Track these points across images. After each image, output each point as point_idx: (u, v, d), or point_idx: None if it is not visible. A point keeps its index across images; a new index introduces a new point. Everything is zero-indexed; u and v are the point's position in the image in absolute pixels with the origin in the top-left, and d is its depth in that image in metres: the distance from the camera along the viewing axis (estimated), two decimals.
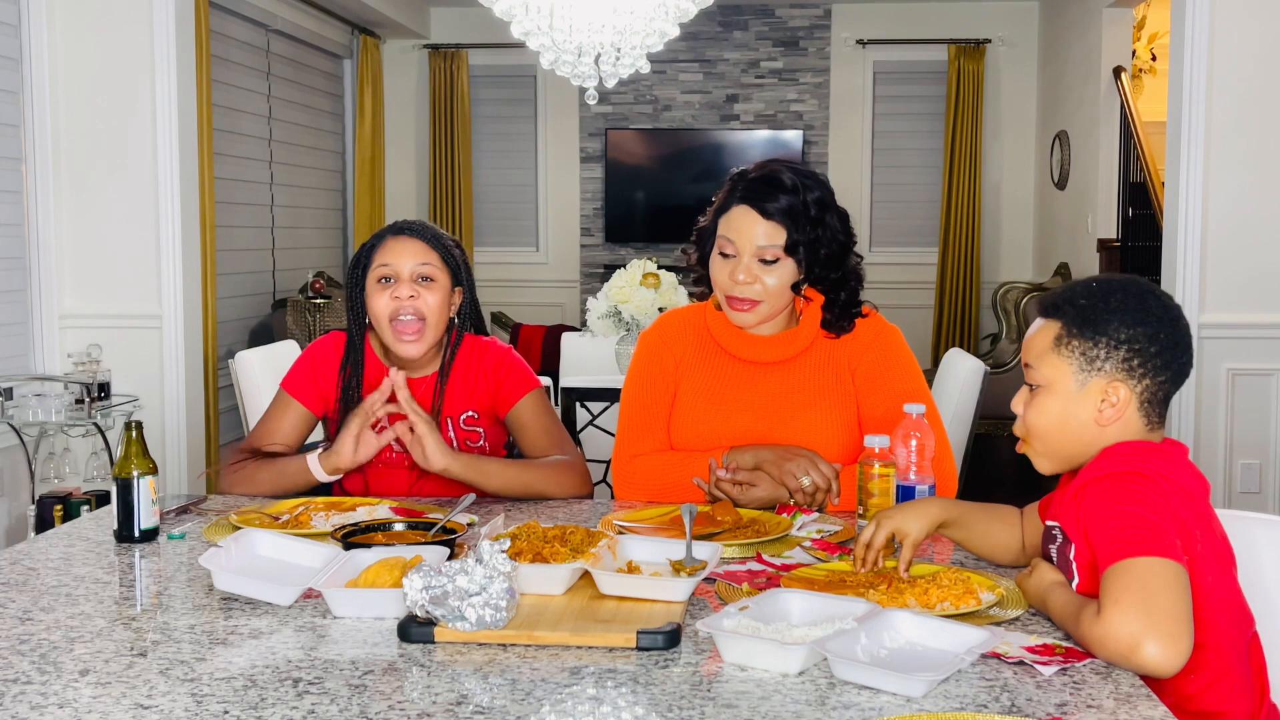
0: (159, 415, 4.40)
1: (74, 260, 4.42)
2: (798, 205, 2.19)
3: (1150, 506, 1.49)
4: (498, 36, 6.45)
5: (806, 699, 1.34)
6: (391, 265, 2.32)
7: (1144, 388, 1.60)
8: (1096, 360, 1.60)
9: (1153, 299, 1.62)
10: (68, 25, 4.35)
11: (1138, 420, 1.61)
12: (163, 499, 2.20)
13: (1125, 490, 1.51)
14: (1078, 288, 1.65)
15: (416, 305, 2.30)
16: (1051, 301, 1.66)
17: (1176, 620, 1.39)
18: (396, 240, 2.35)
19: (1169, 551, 1.44)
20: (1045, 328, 1.65)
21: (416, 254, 2.33)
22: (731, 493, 2.13)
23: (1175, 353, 1.60)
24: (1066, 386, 1.62)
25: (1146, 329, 1.59)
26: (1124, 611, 1.39)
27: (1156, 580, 1.41)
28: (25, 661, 1.46)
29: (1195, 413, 4.33)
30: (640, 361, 2.38)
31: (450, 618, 1.50)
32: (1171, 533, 1.47)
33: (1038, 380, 1.64)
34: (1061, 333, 1.62)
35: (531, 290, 8.41)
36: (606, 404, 3.59)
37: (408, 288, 2.30)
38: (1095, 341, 1.60)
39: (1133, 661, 1.39)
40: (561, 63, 3.41)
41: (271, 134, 6.45)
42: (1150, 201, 6.20)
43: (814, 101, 8.21)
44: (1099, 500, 1.53)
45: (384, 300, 2.31)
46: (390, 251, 2.33)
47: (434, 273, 2.33)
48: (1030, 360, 1.66)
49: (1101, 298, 1.62)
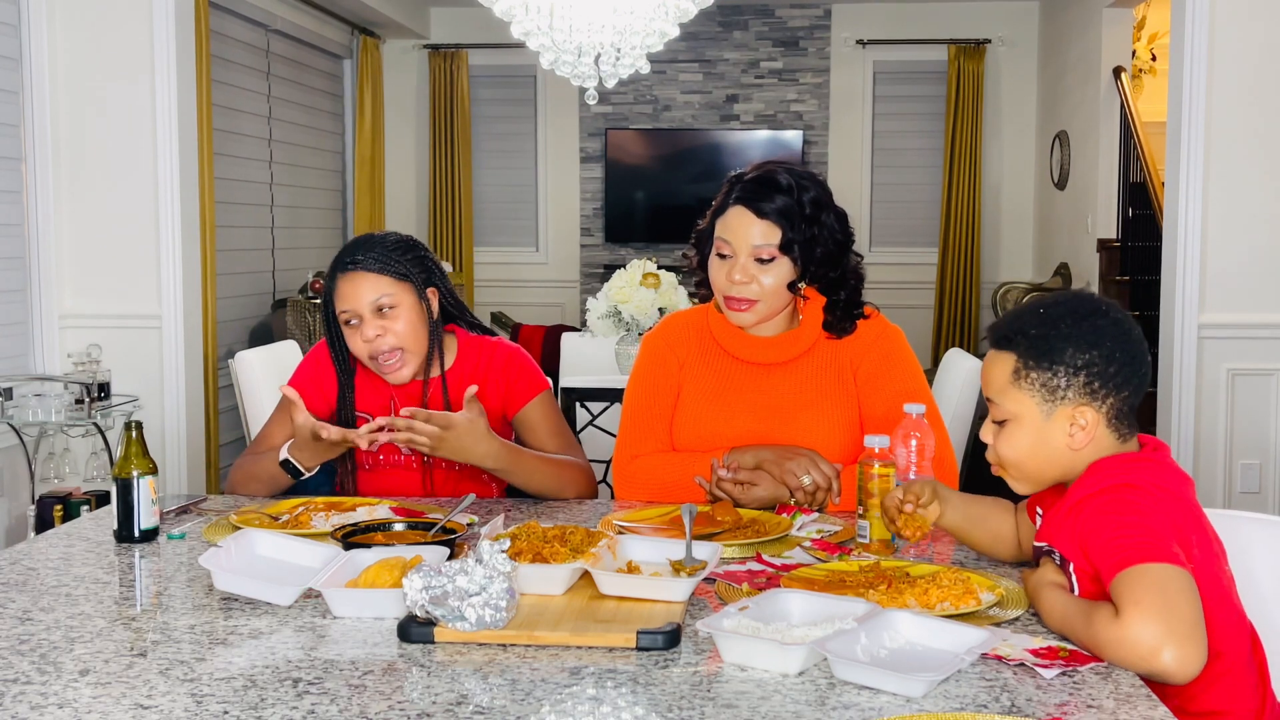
0: (159, 415, 4.40)
1: (74, 260, 4.42)
2: (792, 205, 2.20)
3: (1149, 516, 1.49)
4: (498, 36, 6.45)
5: (806, 699, 1.34)
6: (350, 309, 2.29)
7: (1109, 406, 1.61)
8: (1058, 390, 1.61)
9: (1101, 317, 1.63)
10: (68, 25, 4.35)
11: (1109, 437, 1.62)
12: (163, 499, 2.20)
13: (1122, 502, 1.52)
14: (1026, 316, 1.66)
15: (385, 341, 2.28)
16: (1002, 334, 1.67)
17: (1194, 626, 1.39)
18: (345, 279, 2.30)
19: (1175, 559, 1.44)
20: (1000, 361, 1.66)
21: (368, 289, 2.28)
22: (733, 492, 2.13)
23: (1134, 367, 1.62)
24: (1033, 418, 1.63)
25: (1101, 350, 1.60)
26: (1145, 614, 1.39)
27: (1172, 586, 1.41)
28: (25, 661, 1.46)
29: (1195, 413, 4.33)
30: (644, 363, 2.39)
31: (450, 618, 1.50)
32: (1173, 541, 1.47)
33: (1003, 415, 1.66)
34: (1019, 366, 1.63)
35: (531, 290, 8.41)
36: (606, 404, 3.59)
37: (372, 326, 2.28)
38: (1054, 371, 1.61)
39: (1151, 666, 1.38)
40: (561, 63, 3.41)
41: (271, 134, 6.45)
42: (1150, 201, 6.19)
43: (814, 102, 8.21)
44: (1096, 515, 1.53)
45: (357, 343, 2.30)
46: (343, 296, 2.30)
47: (391, 299, 2.28)
48: (991, 395, 1.67)
49: (1052, 325, 1.62)
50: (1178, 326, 4.34)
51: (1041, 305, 1.66)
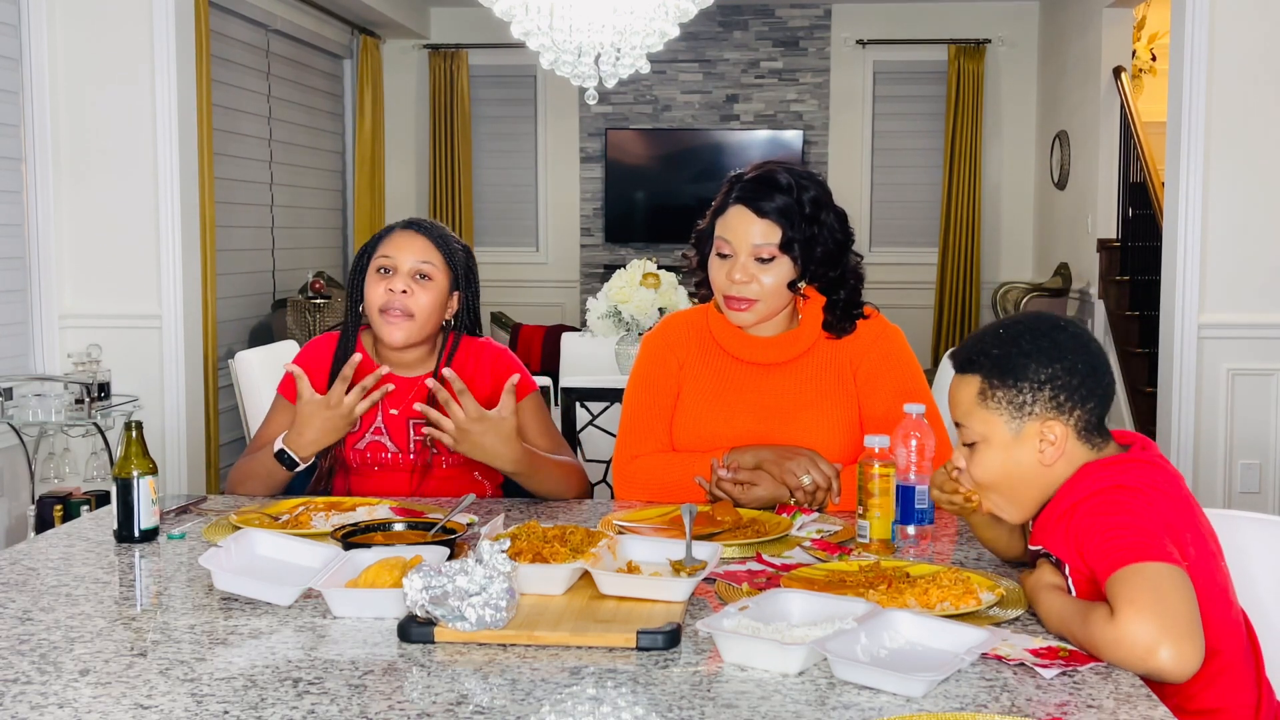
0: (159, 415, 4.40)
1: (74, 260, 4.42)
2: (792, 204, 2.21)
3: (1142, 516, 1.50)
4: (498, 36, 6.44)
5: (806, 699, 1.34)
6: (392, 257, 2.33)
7: (1076, 418, 1.63)
8: (1025, 405, 1.63)
9: (1060, 332, 1.66)
10: (68, 25, 4.35)
11: (1080, 448, 1.64)
12: (163, 499, 2.20)
13: (1114, 504, 1.53)
14: (987, 338, 1.69)
15: (407, 302, 2.31)
16: (965, 357, 1.70)
17: (1190, 624, 1.40)
18: (403, 234, 2.37)
19: (1169, 557, 1.44)
20: (965, 384, 1.68)
21: (418, 251, 2.34)
22: (733, 492, 2.14)
23: (1096, 378, 1.64)
24: (1002, 437, 1.65)
25: (1064, 363, 1.62)
26: (1140, 613, 1.39)
27: (1167, 584, 1.42)
28: (25, 661, 1.46)
29: (1195, 413, 4.33)
30: (644, 363, 2.39)
31: (450, 618, 1.50)
32: (1166, 540, 1.48)
33: (973, 437, 1.68)
34: (984, 386, 1.66)
35: (531, 290, 8.40)
36: (606, 404, 3.58)
37: (402, 282, 2.31)
38: (1018, 388, 1.63)
39: (1147, 665, 1.39)
40: (561, 63, 3.41)
41: (271, 134, 6.45)
42: (1150, 201, 6.19)
43: (814, 101, 8.21)
44: (1089, 517, 1.54)
45: (379, 291, 2.33)
46: (394, 244, 2.35)
47: (432, 271, 2.34)
48: (959, 419, 1.70)
49: (1012, 342, 1.65)
50: (1178, 326, 4.34)
51: (1000, 326, 1.70)
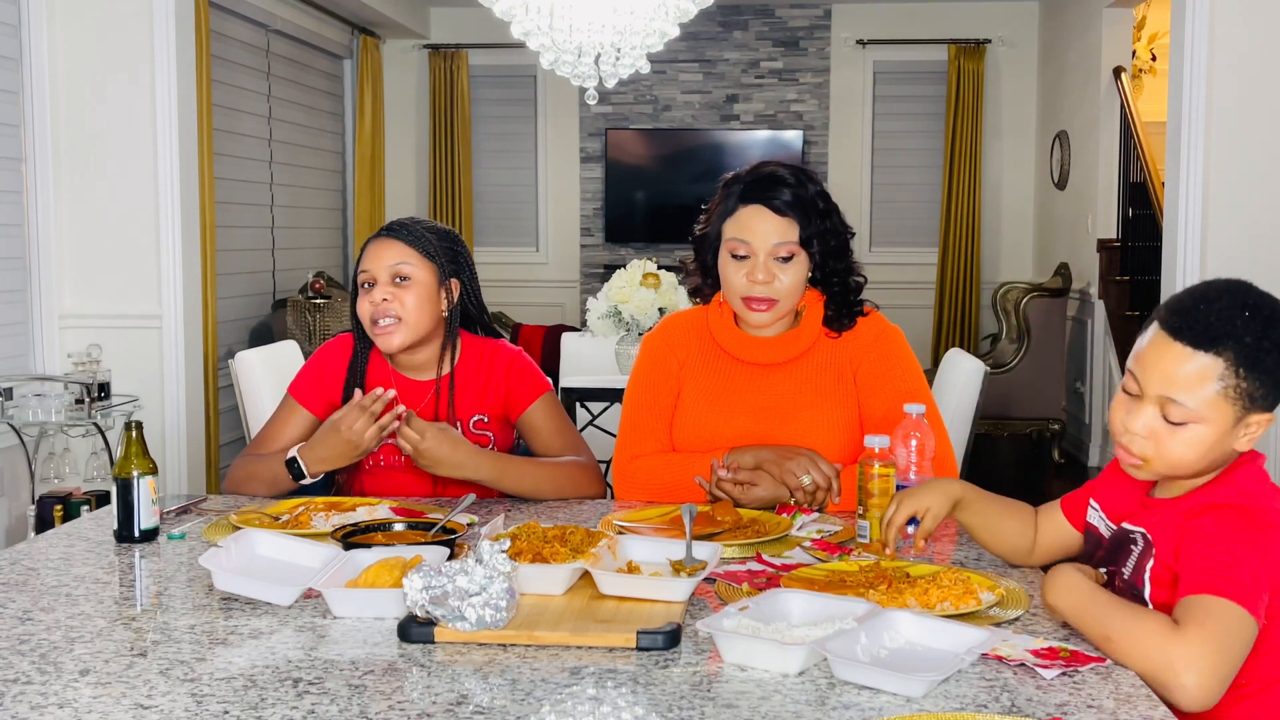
0: (159, 415, 4.40)
1: (74, 260, 4.42)
2: (805, 198, 2.23)
3: (1259, 558, 1.47)
4: (498, 36, 6.44)
5: (806, 699, 1.34)
6: (369, 270, 2.33)
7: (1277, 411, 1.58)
8: (1258, 400, 1.53)
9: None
10: (68, 25, 4.35)
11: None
12: (163, 499, 2.20)
13: (1237, 528, 1.50)
14: (1234, 317, 1.52)
15: (389, 308, 2.30)
16: (1209, 333, 1.52)
17: (1229, 675, 1.41)
18: (376, 244, 2.36)
19: (1256, 610, 1.44)
20: (1205, 364, 1.52)
21: (392, 255, 2.33)
22: (733, 492, 2.14)
23: None
24: (1225, 424, 1.54)
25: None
26: (1205, 641, 1.40)
27: (1238, 633, 1.42)
28: (25, 661, 1.46)
29: None
30: (644, 363, 2.39)
31: (450, 618, 1.50)
32: (1264, 586, 1.47)
33: (1186, 417, 1.53)
34: (1226, 372, 1.51)
35: (531, 290, 8.40)
36: (607, 404, 3.59)
37: (382, 290, 2.31)
38: (1261, 381, 1.52)
39: (1168, 677, 1.39)
40: (561, 63, 3.41)
41: (271, 134, 6.45)
42: (1150, 201, 6.19)
43: (814, 101, 8.21)
44: (1208, 527, 1.51)
45: (364, 305, 2.33)
46: (370, 257, 2.35)
47: (410, 271, 2.32)
48: (1175, 395, 1.53)
49: (1264, 333, 1.52)
50: None
51: (1245, 306, 1.54)
